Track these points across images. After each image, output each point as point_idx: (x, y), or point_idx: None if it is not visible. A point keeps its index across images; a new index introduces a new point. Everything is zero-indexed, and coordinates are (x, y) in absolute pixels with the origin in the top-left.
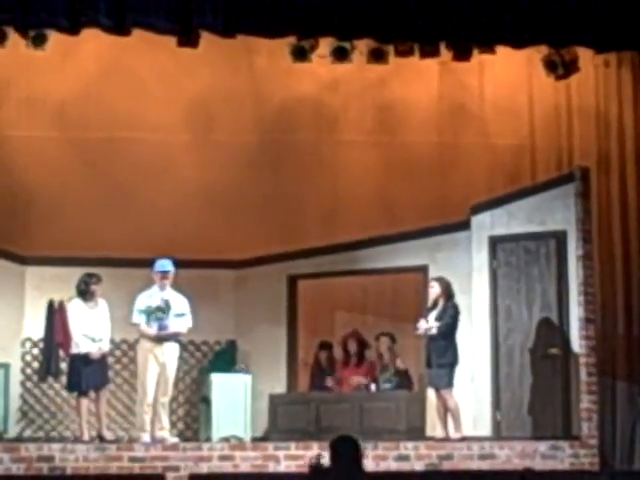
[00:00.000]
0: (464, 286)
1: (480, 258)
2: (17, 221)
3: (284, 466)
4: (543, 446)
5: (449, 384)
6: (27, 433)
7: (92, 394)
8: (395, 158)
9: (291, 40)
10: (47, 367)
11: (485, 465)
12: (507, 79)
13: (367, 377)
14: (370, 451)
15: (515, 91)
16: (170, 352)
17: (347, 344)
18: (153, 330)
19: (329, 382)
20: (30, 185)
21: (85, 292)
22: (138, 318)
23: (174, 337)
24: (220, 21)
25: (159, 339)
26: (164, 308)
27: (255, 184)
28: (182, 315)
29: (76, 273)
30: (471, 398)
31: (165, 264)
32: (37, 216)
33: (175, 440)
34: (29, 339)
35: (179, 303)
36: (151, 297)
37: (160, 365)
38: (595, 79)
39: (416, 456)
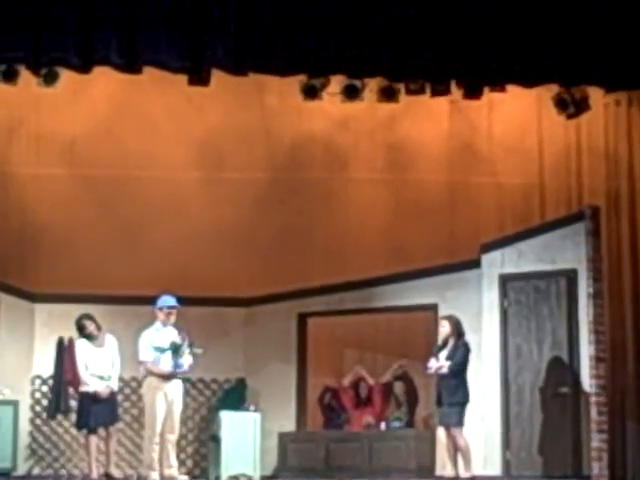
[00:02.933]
0: (474, 324)
1: (490, 296)
2: (27, 258)
3: None
4: None
5: (460, 423)
6: (36, 471)
7: (101, 432)
8: (405, 196)
9: (302, 78)
10: (56, 404)
11: None
12: (517, 118)
13: (377, 417)
14: None
15: (525, 130)
16: (177, 390)
17: (358, 387)
18: (167, 368)
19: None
20: (40, 222)
21: (83, 333)
22: (148, 355)
23: (183, 375)
24: (231, 59)
25: (169, 377)
26: (181, 346)
27: (266, 222)
28: (194, 354)
29: (85, 310)
30: (481, 437)
31: (170, 299)
32: (47, 253)
33: (184, 478)
34: (39, 376)
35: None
36: (160, 332)
37: (168, 403)
38: (605, 118)
39: None
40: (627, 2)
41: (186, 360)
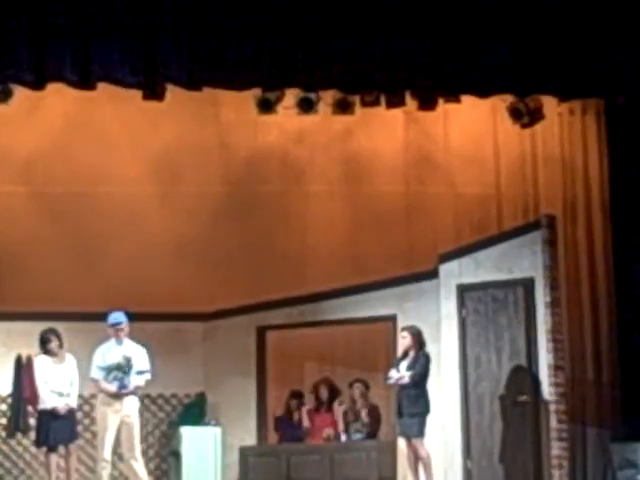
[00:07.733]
0: (433, 335)
1: (448, 307)
2: None
3: None
4: None
5: (421, 433)
6: None
7: (61, 449)
8: (362, 208)
9: (256, 92)
10: (15, 423)
11: None
12: (472, 128)
13: (337, 426)
14: None
15: (480, 140)
16: (130, 406)
17: (318, 390)
18: (113, 388)
19: (301, 427)
20: None
21: (45, 348)
22: (97, 374)
23: (134, 392)
24: (185, 74)
25: (118, 395)
26: (125, 367)
27: (223, 236)
28: (143, 372)
29: (44, 328)
30: (442, 447)
31: (117, 316)
32: (4, 271)
33: None
34: None
35: (139, 358)
36: (110, 351)
37: (120, 419)
38: (560, 127)
39: None
40: (579, 11)
41: (133, 380)
